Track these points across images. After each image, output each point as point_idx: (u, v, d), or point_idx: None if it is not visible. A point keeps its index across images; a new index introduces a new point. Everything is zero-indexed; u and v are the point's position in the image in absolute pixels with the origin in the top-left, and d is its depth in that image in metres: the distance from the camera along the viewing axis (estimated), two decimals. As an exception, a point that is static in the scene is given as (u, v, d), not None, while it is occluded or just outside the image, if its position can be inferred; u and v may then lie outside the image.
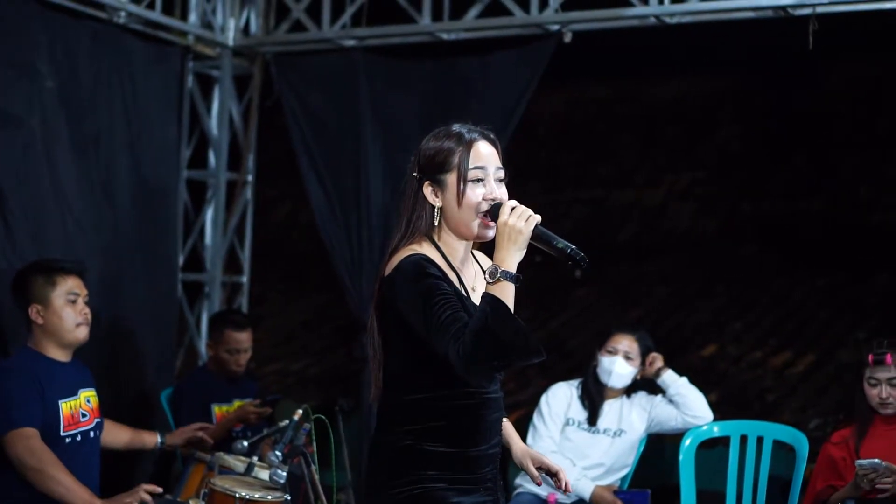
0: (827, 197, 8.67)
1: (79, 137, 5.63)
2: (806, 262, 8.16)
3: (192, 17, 6.49)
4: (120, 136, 5.88)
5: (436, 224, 2.85)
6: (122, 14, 5.93)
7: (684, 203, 9.31)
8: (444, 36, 6.21)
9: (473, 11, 6.09)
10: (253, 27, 6.71)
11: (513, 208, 2.74)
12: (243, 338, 5.49)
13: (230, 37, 6.65)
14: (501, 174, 2.88)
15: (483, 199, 2.82)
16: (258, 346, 5.88)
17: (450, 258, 2.85)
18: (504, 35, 6.15)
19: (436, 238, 2.86)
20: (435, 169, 2.84)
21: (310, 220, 6.52)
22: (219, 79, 6.81)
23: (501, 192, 2.86)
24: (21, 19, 5.30)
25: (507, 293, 2.67)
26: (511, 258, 2.70)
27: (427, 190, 2.86)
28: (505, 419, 3.05)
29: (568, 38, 5.83)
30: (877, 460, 4.15)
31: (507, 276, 2.68)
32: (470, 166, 2.82)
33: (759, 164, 9.08)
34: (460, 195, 2.81)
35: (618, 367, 5.02)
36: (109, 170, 5.82)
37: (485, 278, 2.71)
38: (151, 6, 6.11)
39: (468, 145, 2.84)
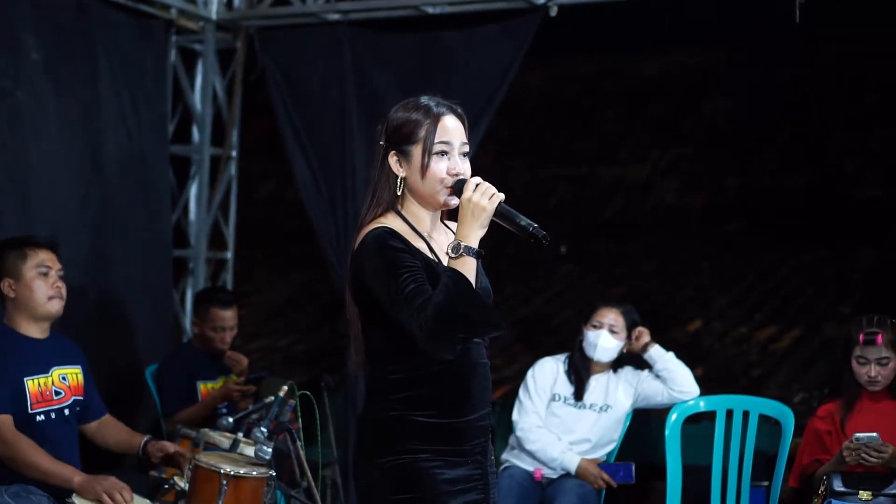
0: (812, 173, 8.68)
1: (66, 110, 5.59)
2: (791, 237, 8.17)
3: (175, -10, 6.43)
4: (108, 110, 5.84)
5: (399, 194, 2.87)
6: (105, -13, 5.88)
7: (669, 179, 9.31)
8: (430, 10, 6.16)
9: (459, -15, 6.06)
10: (236, 1, 6.65)
11: (477, 185, 2.76)
12: (229, 315, 5.47)
13: (213, 10, 6.59)
14: (466, 149, 2.88)
15: (447, 173, 2.82)
16: (243, 323, 5.87)
17: (417, 226, 2.86)
18: (489, 9, 6.11)
19: (400, 208, 2.87)
20: (401, 139, 2.85)
21: (295, 196, 6.50)
22: (202, 53, 6.75)
23: (465, 166, 2.86)
24: (3, -9, 5.26)
25: (468, 268, 2.69)
26: (473, 234, 2.73)
27: (392, 160, 2.86)
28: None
29: (554, 12, 5.78)
30: (874, 434, 4.16)
31: (469, 251, 2.70)
32: (436, 140, 2.82)
33: (745, 140, 9.07)
34: (424, 168, 2.82)
35: (603, 340, 5.01)
36: (98, 143, 5.78)
37: (446, 253, 2.73)
38: (134, -21, 6.07)
39: (435, 118, 2.84)
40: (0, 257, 4.23)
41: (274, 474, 4.14)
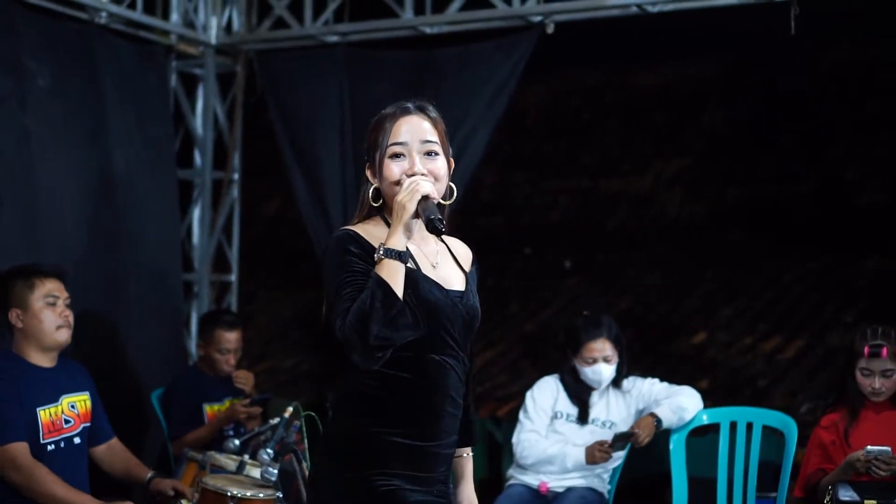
0: (815, 180, 8.67)
1: (74, 134, 5.64)
2: (794, 245, 8.16)
3: (174, 16, 6.48)
4: (115, 131, 5.88)
5: (375, 204, 2.83)
6: (104, 15, 5.92)
7: (672, 190, 9.30)
8: (427, 30, 6.20)
9: (456, 4, 6.09)
10: (235, 25, 6.70)
11: (407, 183, 2.71)
12: (234, 337, 5.50)
13: (213, 35, 6.65)
14: (430, 147, 2.80)
15: (404, 174, 2.76)
16: (248, 345, 5.88)
17: None
18: (487, 28, 6.14)
19: (388, 215, 2.81)
20: (370, 149, 2.86)
21: (298, 217, 6.53)
22: (202, 77, 6.80)
23: (433, 164, 2.79)
24: (6, 19, 5.30)
25: (390, 271, 2.62)
26: (394, 236, 2.66)
27: (368, 171, 2.87)
28: (465, 456, 2.99)
29: (550, 28, 5.83)
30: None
31: (388, 253, 2.63)
32: (389, 142, 2.80)
33: (746, 148, 9.07)
34: (380, 171, 2.80)
35: (604, 372, 4.97)
36: (106, 165, 5.82)
37: (375, 257, 2.66)
38: (133, 6, 6.11)
39: (392, 121, 2.82)
40: (7, 287, 4.25)
41: (280, 495, 4.16)
